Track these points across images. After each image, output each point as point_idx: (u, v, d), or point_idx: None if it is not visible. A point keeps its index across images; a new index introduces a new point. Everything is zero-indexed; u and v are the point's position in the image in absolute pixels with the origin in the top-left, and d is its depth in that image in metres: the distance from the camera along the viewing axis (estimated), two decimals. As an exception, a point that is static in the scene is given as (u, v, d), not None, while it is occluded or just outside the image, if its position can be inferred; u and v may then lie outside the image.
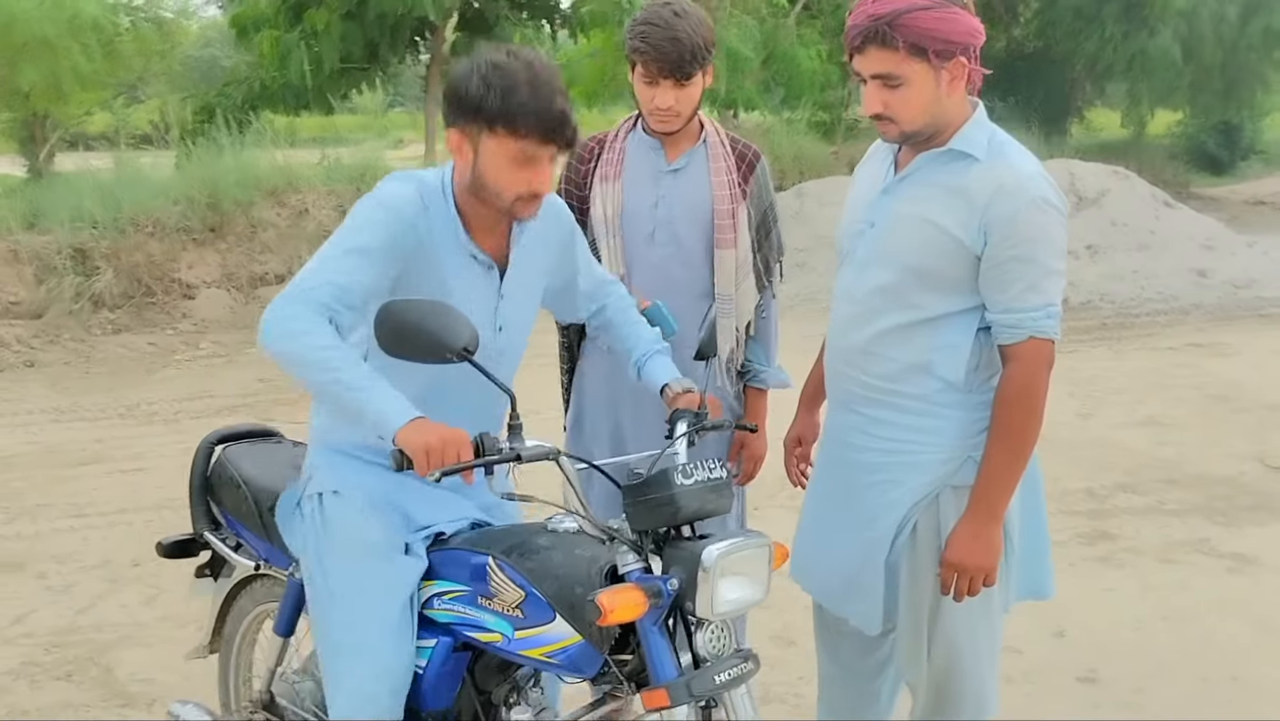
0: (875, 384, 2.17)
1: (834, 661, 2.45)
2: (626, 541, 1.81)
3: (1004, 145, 2.08)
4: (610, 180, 2.64)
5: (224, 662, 2.68)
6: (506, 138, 1.88)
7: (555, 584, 1.82)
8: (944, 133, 2.08)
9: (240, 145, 9.82)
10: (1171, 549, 4.42)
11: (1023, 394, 2.04)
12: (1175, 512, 4.84)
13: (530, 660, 1.89)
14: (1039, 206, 2.00)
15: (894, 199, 2.15)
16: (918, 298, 2.10)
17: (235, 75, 13.43)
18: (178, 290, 8.87)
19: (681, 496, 1.77)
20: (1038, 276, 2.01)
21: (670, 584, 1.75)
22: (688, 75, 2.49)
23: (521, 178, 1.92)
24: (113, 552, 4.39)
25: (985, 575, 2.08)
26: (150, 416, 6.48)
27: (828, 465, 2.33)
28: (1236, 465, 5.47)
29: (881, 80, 2.01)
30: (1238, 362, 7.69)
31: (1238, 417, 6.34)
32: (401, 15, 11.50)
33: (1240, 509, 4.88)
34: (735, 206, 2.64)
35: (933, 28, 1.96)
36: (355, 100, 14.93)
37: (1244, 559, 4.31)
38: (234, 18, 12.62)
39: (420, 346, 1.78)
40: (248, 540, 2.46)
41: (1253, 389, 6.91)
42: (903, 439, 2.15)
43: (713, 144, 2.66)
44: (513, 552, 1.90)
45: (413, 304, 1.82)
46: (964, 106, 2.08)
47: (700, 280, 2.66)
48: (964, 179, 2.04)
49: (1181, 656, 3.50)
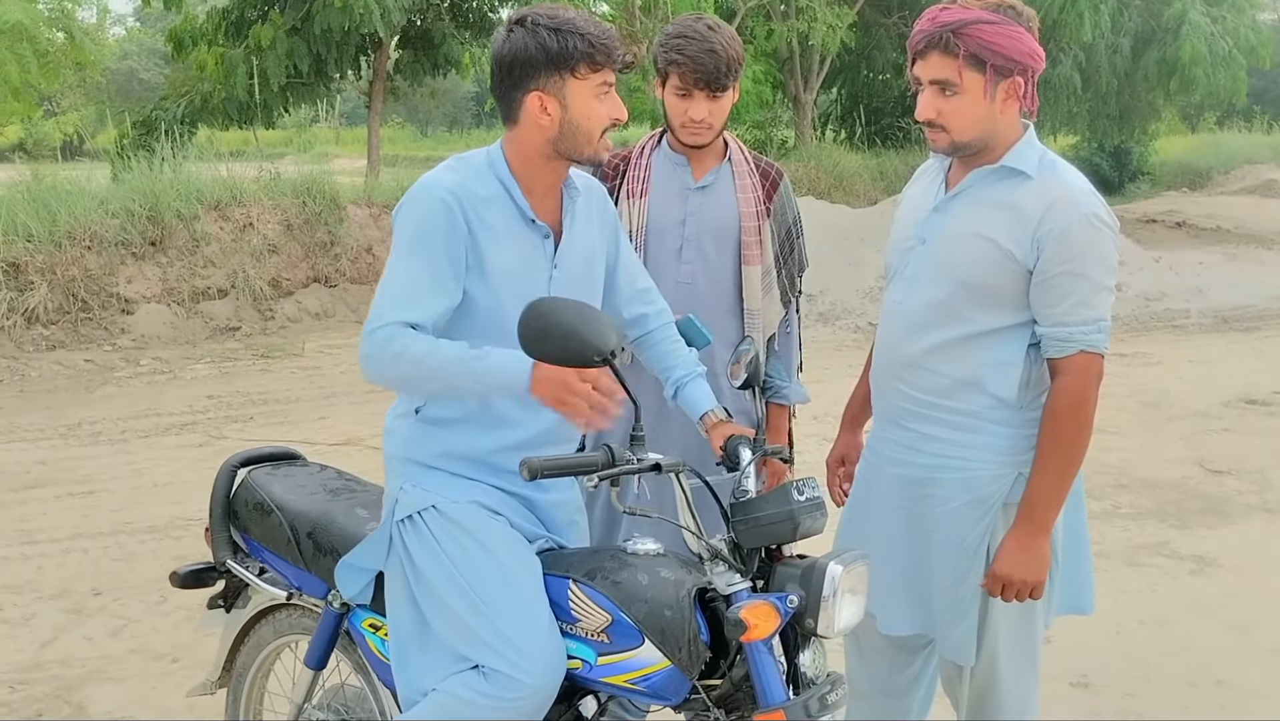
0: (925, 399, 2.19)
1: (866, 677, 2.45)
2: (727, 561, 1.80)
3: (1055, 163, 2.13)
4: (637, 197, 2.65)
5: (234, 697, 2.58)
6: (589, 74, 1.95)
7: (644, 607, 1.80)
8: (994, 150, 2.12)
9: (181, 158, 9.58)
10: (1135, 552, 4.56)
11: (1072, 407, 2.08)
12: (1131, 516, 5.00)
13: (613, 687, 1.87)
14: (1091, 223, 2.05)
15: (946, 216, 2.18)
16: (969, 312, 2.13)
17: (172, 89, 13.19)
18: (116, 305, 8.60)
19: (800, 513, 1.78)
20: (1089, 292, 2.06)
21: (789, 601, 1.75)
22: (723, 87, 2.53)
23: (605, 110, 2.00)
24: (70, 582, 4.21)
25: (1032, 589, 2.11)
26: (95, 436, 6.27)
27: (871, 478, 2.34)
28: (1179, 470, 5.68)
29: (939, 87, 2.06)
30: (1161, 372, 7.96)
31: (1172, 425, 6.58)
32: (347, 31, 11.41)
33: (1191, 512, 5.06)
34: (760, 224, 2.67)
35: (995, 41, 2.01)
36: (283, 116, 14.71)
37: (1204, 560, 4.47)
38: (171, 31, 12.41)
39: (568, 349, 1.74)
40: (277, 567, 2.39)
41: (1180, 397, 7.18)
42: (952, 455, 2.17)
43: (737, 162, 2.70)
44: (596, 575, 1.87)
45: (561, 304, 1.79)
46: (1016, 126, 2.13)
47: (726, 296, 2.68)
48: (1016, 195, 2.09)
49: (1165, 660, 3.61)
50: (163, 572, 2.63)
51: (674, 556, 1.91)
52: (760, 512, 1.80)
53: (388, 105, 14.84)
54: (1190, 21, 15.57)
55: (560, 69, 1.94)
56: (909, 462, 2.23)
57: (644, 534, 1.97)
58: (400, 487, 2.05)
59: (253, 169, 10.20)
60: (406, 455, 2.08)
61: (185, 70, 12.91)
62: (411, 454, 2.07)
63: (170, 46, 12.64)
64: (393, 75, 13.67)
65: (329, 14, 11.17)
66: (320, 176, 10.11)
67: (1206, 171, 23.92)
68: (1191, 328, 9.80)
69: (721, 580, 1.80)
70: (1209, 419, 6.68)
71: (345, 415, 6.59)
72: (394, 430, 2.12)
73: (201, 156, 9.94)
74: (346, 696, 2.44)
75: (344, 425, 6.36)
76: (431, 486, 2.03)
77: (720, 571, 1.81)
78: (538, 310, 1.76)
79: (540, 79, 1.96)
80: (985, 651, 2.21)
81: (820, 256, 10.59)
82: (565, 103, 1.96)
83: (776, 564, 1.82)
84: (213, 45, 12.05)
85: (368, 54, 13.07)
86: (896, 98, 18.34)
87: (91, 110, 13.70)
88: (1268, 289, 11.13)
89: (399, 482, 2.06)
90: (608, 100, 2.00)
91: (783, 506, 1.79)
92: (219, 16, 12.24)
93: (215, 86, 11.96)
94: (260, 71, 11.40)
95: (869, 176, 15.54)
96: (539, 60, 1.94)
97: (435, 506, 2.01)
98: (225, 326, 8.93)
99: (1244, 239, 15.08)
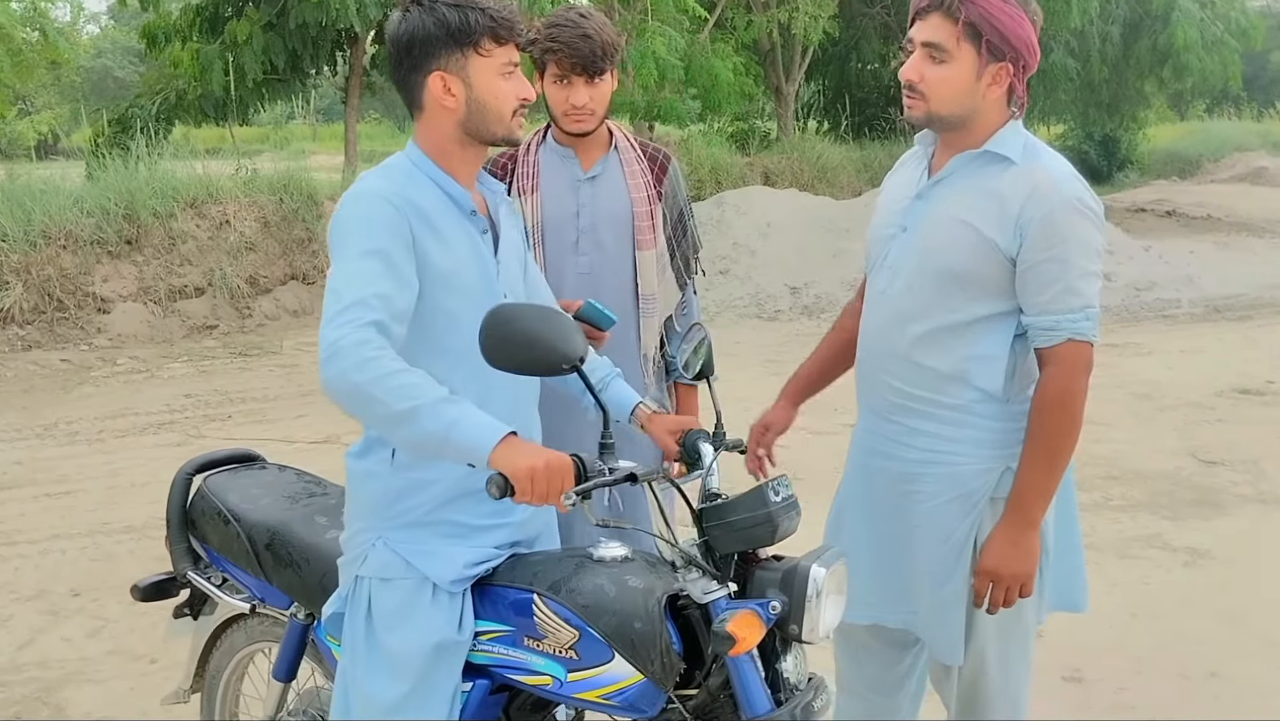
0: (912, 392, 2.13)
1: (855, 674, 2.40)
2: (702, 567, 1.72)
3: (1037, 149, 2.08)
4: (529, 193, 2.68)
5: (209, 703, 2.51)
6: (492, 49, 1.86)
7: (612, 619, 1.72)
8: (975, 134, 2.07)
9: (157, 156, 9.47)
10: (1127, 544, 4.51)
11: (1061, 398, 2.02)
12: (1122, 509, 4.95)
13: (585, 703, 1.79)
14: (1074, 207, 1.99)
15: (928, 202, 2.13)
16: (952, 301, 2.07)
17: (148, 86, 13.04)
18: (92, 304, 8.51)
19: (777, 515, 1.70)
20: (1074, 278, 2.00)
21: (771, 607, 1.67)
22: (600, 71, 2.55)
23: (511, 89, 1.90)
24: (48, 582, 4.18)
25: (1022, 584, 2.05)
26: (72, 436, 6.20)
27: (858, 473, 2.29)
28: (1171, 461, 5.62)
29: (929, 50, 2.01)
30: (1152, 362, 7.92)
31: (1164, 415, 6.53)
32: (324, 26, 11.30)
33: (1183, 503, 5.00)
34: (652, 208, 2.71)
35: (997, 15, 1.97)
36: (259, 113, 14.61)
37: (1197, 552, 4.42)
38: (145, 28, 12.26)
39: (534, 356, 1.66)
40: (238, 578, 2.31)
41: (1171, 387, 7.13)
42: (939, 450, 2.11)
43: (624, 149, 2.73)
44: (560, 588, 1.78)
45: (523, 309, 1.70)
46: (999, 113, 2.07)
47: (626, 283, 2.71)
48: (998, 181, 2.03)
49: (1158, 653, 3.55)
50: (142, 572, 2.56)
51: (641, 560, 1.83)
52: (735, 516, 1.72)
53: (364, 100, 14.75)
54: (1180, 7, 15.58)
55: (462, 45, 1.85)
56: (896, 456, 2.17)
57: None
58: (372, 544, 1.92)
59: (229, 166, 10.09)
60: (383, 510, 1.92)
61: (160, 68, 12.78)
62: (389, 512, 1.92)
63: (144, 43, 12.51)
64: (369, 70, 13.57)
65: (304, 9, 11.07)
66: (297, 173, 10.02)
67: (1196, 159, 23.97)
68: (1182, 317, 9.77)
69: (697, 587, 1.72)
70: (1201, 409, 6.63)
71: (324, 413, 6.48)
72: (364, 477, 1.95)
73: (177, 154, 9.81)
74: (322, 700, 2.36)
75: (323, 423, 6.27)
76: (410, 552, 1.89)
77: (695, 579, 1.72)
78: (500, 317, 1.68)
79: (441, 58, 1.86)
80: (973, 650, 2.15)
81: (804, 249, 10.66)
82: (469, 81, 1.87)
83: (753, 567, 1.74)
84: (187, 41, 11.91)
85: (344, 49, 12.98)
86: (882, 89, 18.30)
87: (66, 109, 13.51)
88: (1259, 277, 11.13)
89: (371, 538, 1.92)
90: (514, 79, 1.90)
91: (759, 509, 1.71)
92: (194, 13, 12.09)
93: (190, 83, 11.83)
94: (236, 67, 11.26)
95: (853, 168, 15.51)
96: (438, 37, 1.84)
97: (394, 581, 1.89)
98: (202, 325, 8.85)
99: (1234, 227, 15.10)
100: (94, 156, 10.12)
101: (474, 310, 1.76)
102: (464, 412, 1.66)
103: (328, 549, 2.10)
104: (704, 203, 11.27)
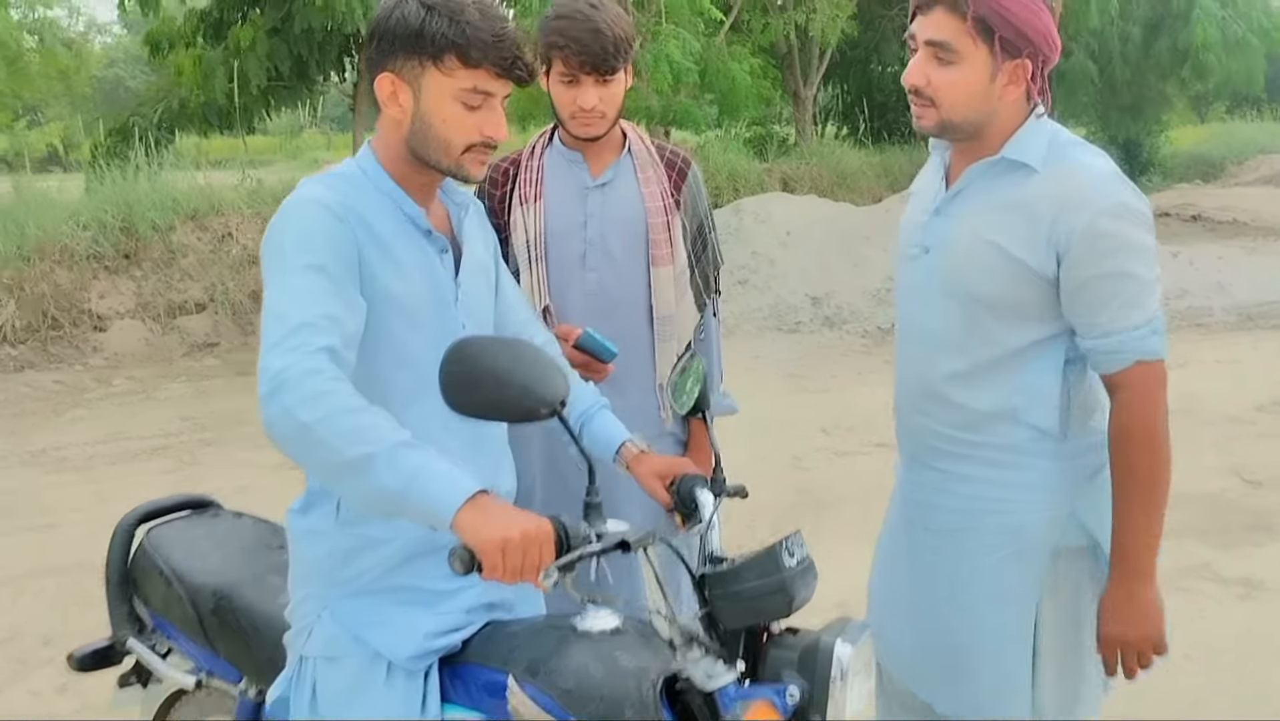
0: (954, 434, 1.88)
1: None
2: (705, 645, 1.46)
3: (1066, 148, 1.81)
4: (530, 202, 2.38)
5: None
6: (457, 68, 1.60)
7: (599, 706, 1.46)
8: (992, 139, 1.82)
9: (157, 167, 9.31)
10: (1178, 576, 4.19)
11: (1141, 427, 1.77)
12: (1167, 535, 4.57)
13: None
14: (1114, 213, 1.74)
15: (947, 219, 1.88)
16: (990, 331, 1.83)
17: (151, 94, 12.89)
18: (88, 322, 8.31)
19: (793, 582, 1.45)
20: (1133, 291, 1.74)
21: (789, 694, 1.43)
22: (611, 70, 2.26)
23: (473, 122, 1.64)
24: (22, 624, 3.95)
25: (1154, 644, 1.82)
26: (60, 463, 5.96)
27: (902, 527, 2.04)
28: (1216, 481, 5.30)
29: (934, 49, 1.78)
30: (1188, 374, 7.58)
31: (1203, 431, 6.19)
32: (329, 31, 11.08)
33: (1233, 528, 4.68)
34: (670, 219, 2.42)
35: (1011, 8, 1.73)
36: (267, 122, 14.48)
37: (1251, 583, 4.11)
38: (148, 34, 12.05)
39: (507, 399, 1.43)
40: (183, 647, 2.04)
41: (1209, 400, 6.79)
42: (989, 495, 1.86)
43: (639, 152, 2.44)
44: (538, 669, 1.52)
45: (493, 343, 1.48)
46: (1019, 113, 1.82)
47: (641, 302, 2.42)
48: (1021, 193, 1.78)
49: (1216, 695, 3.27)
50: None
51: (634, 631, 1.58)
52: (745, 585, 1.46)
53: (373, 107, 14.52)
54: (1201, 6, 15.30)
55: (419, 53, 1.61)
56: (940, 507, 1.92)
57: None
58: (317, 616, 1.68)
59: (232, 177, 9.91)
60: (329, 575, 1.69)
61: (165, 75, 12.61)
62: (337, 577, 1.69)
63: (147, 50, 12.33)
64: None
65: (309, 13, 10.82)
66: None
67: (1219, 162, 23.55)
68: (1215, 325, 9.43)
69: (700, 670, 1.46)
70: (1242, 424, 6.31)
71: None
72: (307, 536, 1.71)
73: (178, 164, 9.63)
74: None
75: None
76: (359, 624, 1.66)
77: (697, 659, 1.46)
78: (462, 352, 1.45)
79: (397, 59, 1.63)
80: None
81: (825, 257, 10.37)
82: (419, 93, 1.62)
83: (765, 643, 1.49)
84: (190, 47, 11.70)
85: (351, 54, 12.72)
86: (902, 92, 18.03)
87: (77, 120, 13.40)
88: (1291, 284, 10.76)
89: (316, 608, 1.69)
90: (481, 112, 1.63)
91: (772, 575, 1.45)
92: (197, 18, 11.87)
93: (193, 90, 11.59)
94: (240, 74, 11.03)
95: (873, 174, 15.25)
96: (397, 35, 1.62)
97: (333, 659, 1.65)
98: (203, 342, 8.64)
99: (1262, 231, 14.72)
100: (93, 168, 9.97)
101: (427, 340, 1.56)
102: (424, 464, 1.41)
103: (279, 616, 1.83)
104: (721, 210, 11.03)
